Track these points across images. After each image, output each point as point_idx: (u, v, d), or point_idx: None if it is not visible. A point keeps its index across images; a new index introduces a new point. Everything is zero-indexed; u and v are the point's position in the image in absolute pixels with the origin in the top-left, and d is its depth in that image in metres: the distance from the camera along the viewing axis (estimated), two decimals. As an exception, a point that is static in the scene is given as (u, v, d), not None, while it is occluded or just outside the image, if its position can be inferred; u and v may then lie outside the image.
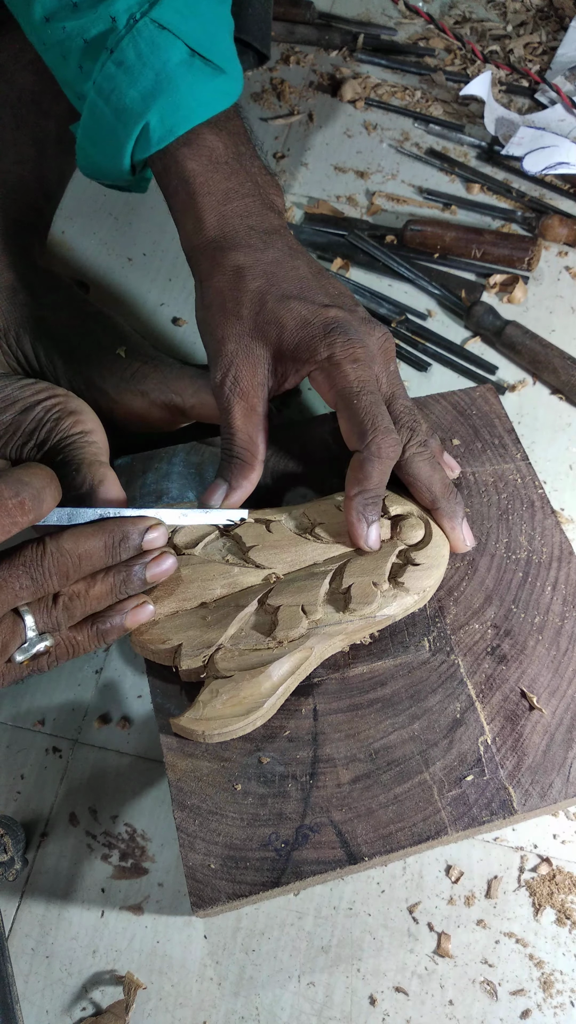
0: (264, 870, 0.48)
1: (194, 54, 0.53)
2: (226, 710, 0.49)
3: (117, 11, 0.52)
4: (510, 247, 0.85)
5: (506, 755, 0.51)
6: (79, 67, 0.54)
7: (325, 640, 0.51)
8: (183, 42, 0.53)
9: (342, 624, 0.51)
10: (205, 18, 0.55)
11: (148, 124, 0.53)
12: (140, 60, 0.52)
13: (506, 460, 0.62)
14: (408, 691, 0.53)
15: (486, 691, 0.53)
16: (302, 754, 0.51)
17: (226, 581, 0.52)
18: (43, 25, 0.55)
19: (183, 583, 0.52)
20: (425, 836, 0.49)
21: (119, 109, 0.54)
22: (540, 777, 0.51)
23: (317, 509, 0.55)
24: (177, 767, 0.51)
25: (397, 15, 1.11)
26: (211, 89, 0.54)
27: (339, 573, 0.53)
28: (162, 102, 0.53)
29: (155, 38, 0.52)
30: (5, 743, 0.62)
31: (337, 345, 0.52)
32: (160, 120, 0.53)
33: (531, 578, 0.57)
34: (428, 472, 0.54)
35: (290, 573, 0.53)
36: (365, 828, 0.49)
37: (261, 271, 0.54)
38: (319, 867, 0.48)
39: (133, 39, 0.52)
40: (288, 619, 0.50)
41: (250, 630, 0.51)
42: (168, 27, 0.52)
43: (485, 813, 0.50)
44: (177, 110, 0.53)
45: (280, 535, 0.54)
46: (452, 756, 0.51)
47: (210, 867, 0.48)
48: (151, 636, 0.51)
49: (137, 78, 0.53)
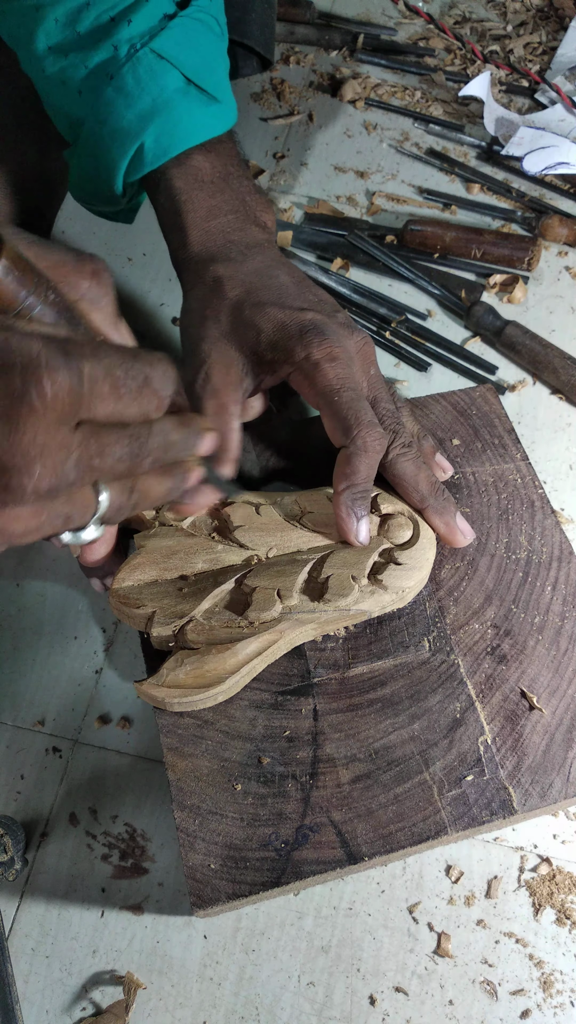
0: (264, 870, 0.48)
1: (190, 83, 0.56)
2: (188, 681, 0.50)
3: (119, 41, 0.55)
4: (510, 247, 0.85)
5: (506, 755, 0.51)
6: (78, 92, 0.57)
7: (297, 627, 0.52)
8: (180, 72, 0.56)
9: (315, 613, 0.51)
10: (203, 52, 0.58)
11: (143, 145, 0.56)
12: (138, 86, 0.55)
13: (506, 460, 0.62)
14: (408, 691, 0.53)
15: (486, 691, 0.53)
16: (302, 754, 0.51)
17: (208, 557, 0.53)
18: (46, 54, 0.57)
19: (166, 553, 0.53)
20: (425, 836, 0.49)
21: (115, 130, 0.56)
22: (540, 777, 0.51)
23: (310, 498, 0.55)
24: (177, 767, 0.51)
25: (397, 15, 1.11)
26: (205, 115, 0.57)
27: (320, 563, 0.53)
28: (157, 124, 0.55)
29: (153, 66, 0.55)
30: (5, 743, 0.62)
31: (313, 345, 0.52)
32: (155, 141, 0.56)
33: (531, 578, 0.57)
34: (413, 471, 0.55)
35: (273, 557, 0.53)
36: (365, 828, 0.49)
37: (240, 281, 0.55)
38: (319, 867, 0.48)
39: (133, 66, 0.55)
40: (262, 601, 0.51)
41: (224, 607, 0.51)
42: (166, 57, 0.55)
43: (485, 813, 0.50)
44: (172, 133, 0.56)
45: (268, 519, 0.54)
46: (452, 756, 0.51)
47: (210, 867, 0.48)
48: (128, 599, 0.51)
49: (134, 102, 0.55)
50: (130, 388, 0.35)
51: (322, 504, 0.55)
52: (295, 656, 0.54)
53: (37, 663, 0.65)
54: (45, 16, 0.56)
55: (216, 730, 0.52)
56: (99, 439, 0.35)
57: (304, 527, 0.54)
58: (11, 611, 0.67)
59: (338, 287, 0.85)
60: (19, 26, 0.58)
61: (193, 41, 0.57)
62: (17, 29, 0.58)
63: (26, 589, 0.68)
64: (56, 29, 0.56)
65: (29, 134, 0.71)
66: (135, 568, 0.53)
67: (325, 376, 0.52)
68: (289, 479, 0.60)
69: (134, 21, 0.55)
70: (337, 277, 0.85)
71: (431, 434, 0.63)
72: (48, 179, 0.75)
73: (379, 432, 0.52)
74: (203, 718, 0.52)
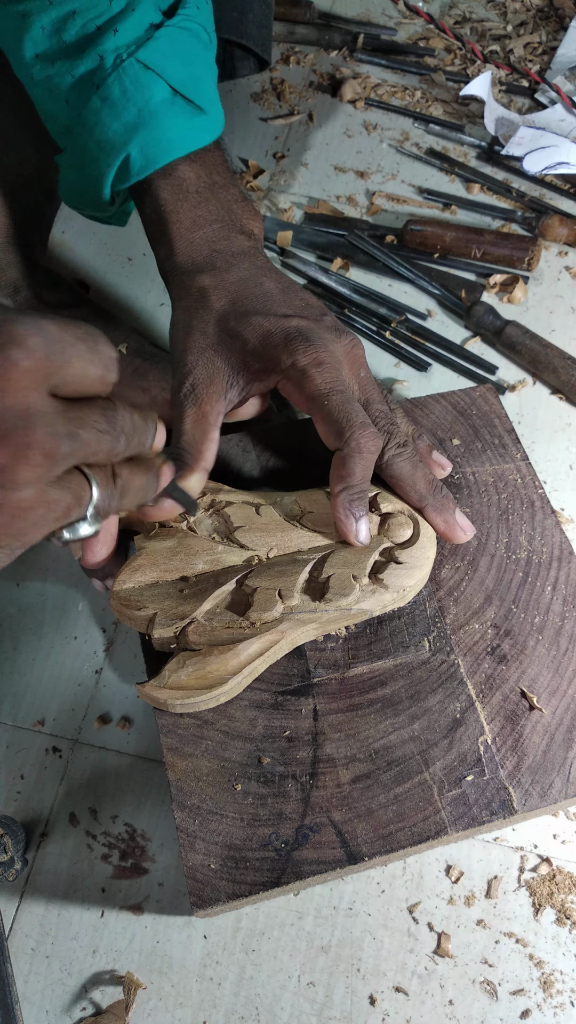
0: (264, 870, 0.48)
1: (176, 94, 0.56)
2: (190, 682, 0.50)
3: (105, 51, 0.55)
4: (510, 247, 0.85)
5: (506, 755, 0.51)
6: (66, 101, 0.57)
7: (298, 627, 0.51)
8: (166, 82, 0.56)
9: (317, 613, 0.51)
10: (189, 62, 0.57)
11: (129, 156, 0.56)
12: (124, 96, 0.55)
13: (506, 460, 0.62)
14: (408, 691, 0.53)
15: (486, 691, 0.53)
16: (302, 754, 0.51)
17: (209, 558, 0.53)
18: (33, 61, 0.57)
19: (167, 555, 0.53)
20: (425, 836, 0.49)
21: (102, 141, 0.56)
22: (540, 777, 0.51)
23: (309, 498, 0.55)
24: (177, 767, 0.51)
25: (397, 15, 1.11)
26: (191, 126, 0.57)
27: (321, 562, 0.53)
28: (143, 135, 0.55)
29: (140, 77, 0.55)
30: (5, 743, 0.62)
31: (299, 352, 0.52)
32: (140, 152, 0.56)
33: (531, 578, 0.57)
34: (409, 471, 0.55)
35: (273, 557, 0.53)
36: (365, 828, 0.49)
37: (225, 291, 0.55)
38: (319, 867, 0.48)
39: (119, 76, 0.55)
40: (263, 601, 0.51)
41: (225, 608, 0.51)
42: (152, 67, 0.55)
43: (485, 813, 0.50)
44: (157, 144, 0.56)
45: (268, 519, 0.54)
46: (452, 756, 0.51)
47: (210, 867, 0.48)
48: (129, 601, 0.51)
49: (120, 112, 0.55)
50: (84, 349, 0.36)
51: (322, 504, 0.55)
52: (295, 656, 0.54)
53: (37, 663, 0.65)
54: (32, 24, 0.56)
55: (216, 730, 0.52)
56: (76, 409, 0.36)
57: (304, 527, 0.54)
58: (11, 611, 0.67)
59: (338, 287, 0.85)
60: (7, 32, 0.58)
61: (180, 51, 0.57)
62: (5, 35, 0.58)
63: (26, 589, 0.68)
64: (43, 37, 0.56)
65: (28, 134, 0.71)
66: (135, 570, 0.53)
67: (312, 381, 0.52)
68: (289, 479, 0.60)
69: (120, 31, 0.55)
70: (337, 277, 0.86)
71: (431, 433, 0.63)
72: (47, 179, 0.75)
73: (372, 432, 0.52)
74: (203, 718, 0.52)
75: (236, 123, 0.99)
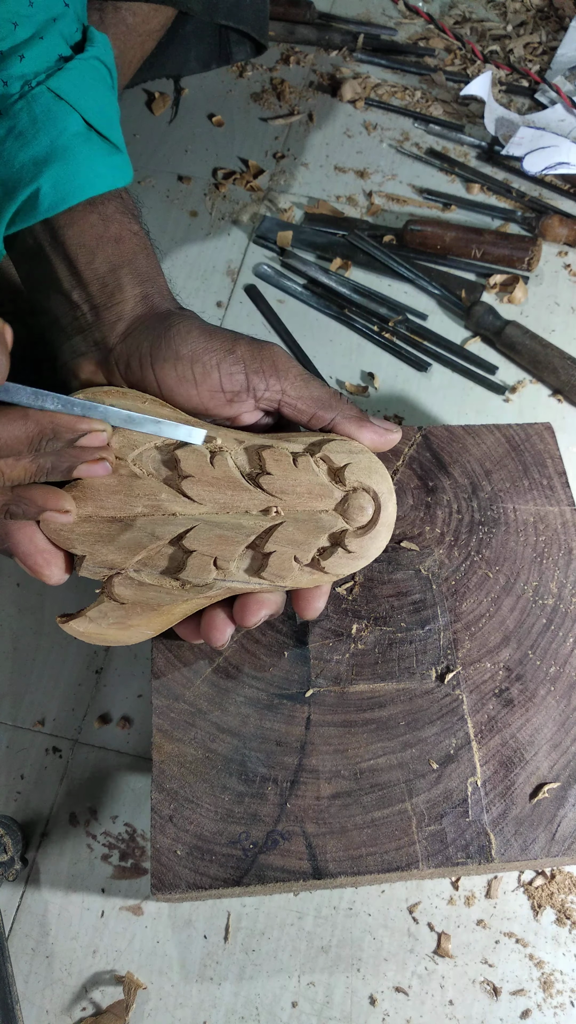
0: (228, 867, 0.48)
1: (91, 128, 0.52)
2: (108, 633, 0.50)
3: (10, 76, 0.50)
4: (510, 247, 0.85)
5: (494, 800, 0.50)
6: None
7: (226, 593, 0.50)
8: (80, 115, 0.51)
9: (249, 585, 0.50)
10: (100, 99, 0.53)
11: (39, 190, 0.51)
12: (34, 126, 0.50)
13: (552, 503, 0.60)
14: (406, 717, 0.52)
15: (486, 732, 0.52)
16: (287, 760, 0.51)
17: (150, 503, 0.50)
18: None
19: (106, 491, 0.50)
20: (395, 866, 0.48)
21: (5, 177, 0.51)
22: (525, 830, 0.49)
23: (273, 456, 0.51)
24: (163, 749, 0.51)
25: (397, 15, 1.11)
26: (108, 164, 0.52)
27: (267, 534, 0.50)
28: (56, 169, 0.50)
29: (51, 106, 0.51)
30: (5, 743, 0.62)
31: None
32: (53, 187, 0.50)
33: (555, 627, 0.55)
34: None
35: (217, 516, 0.50)
36: (336, 846, 0.48)
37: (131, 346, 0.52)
38: (283, 875, 0.48)
39: (28, 104, 0.50)
40: (196, 568, 0.49)
41: (156, 564, 0.50)
42: (65, 98, 0.51)
43: (461, 855, 0.48)
44: (72, 179, 0.51)
45: (222, 473, 0.50)
46: (438, 791, 0.50)
47: (176, 853, 0.48)
48: (58, 536, 0.49)
49: (29, 143, 0.50)
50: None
51: (284, 466, 0.50)
52: (299, 662, 0.53)
53: (37, 663, 0.65)
54: None
55: (208, 721, 0.52)
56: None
57: (258, 488, 0.50)
58: (11, 611, 0.67)
59: (338, 287, 0.85)
60: None
61: (91, 87, 0.53)
62: None
63: (26, 589, 0.68)
64: None
65: None
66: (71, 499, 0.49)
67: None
68: None
69: (27, 58, 0.51)
70: (337, 277, 0.86)
71: (478, 463, 0.61)
72: None
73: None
74: (198, 706, 0.52)
75: (236, 123, 0.99)
